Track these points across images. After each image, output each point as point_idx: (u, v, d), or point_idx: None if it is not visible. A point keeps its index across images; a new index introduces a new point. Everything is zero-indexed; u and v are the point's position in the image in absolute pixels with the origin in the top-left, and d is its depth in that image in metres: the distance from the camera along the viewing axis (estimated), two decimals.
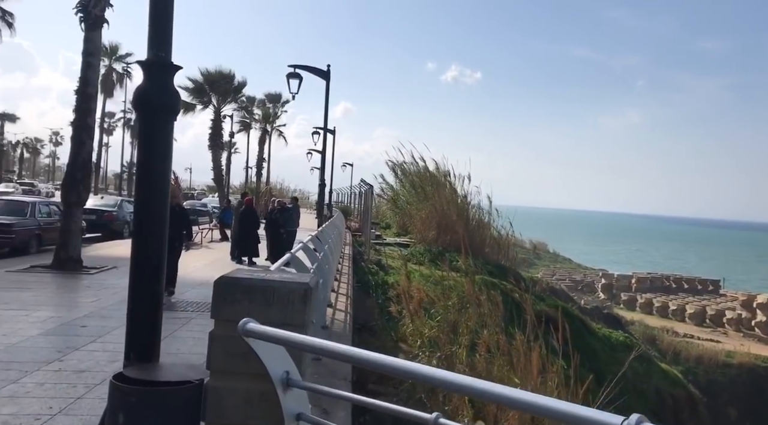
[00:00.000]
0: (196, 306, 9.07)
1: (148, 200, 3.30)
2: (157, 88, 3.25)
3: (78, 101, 12.12)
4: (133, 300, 3.42)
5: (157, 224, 3.34)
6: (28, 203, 15.41)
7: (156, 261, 3.41)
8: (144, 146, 3.29)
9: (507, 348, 12.00)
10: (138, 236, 3.38)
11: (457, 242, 29.74)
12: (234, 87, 29.45)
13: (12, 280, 10.37)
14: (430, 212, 31.15)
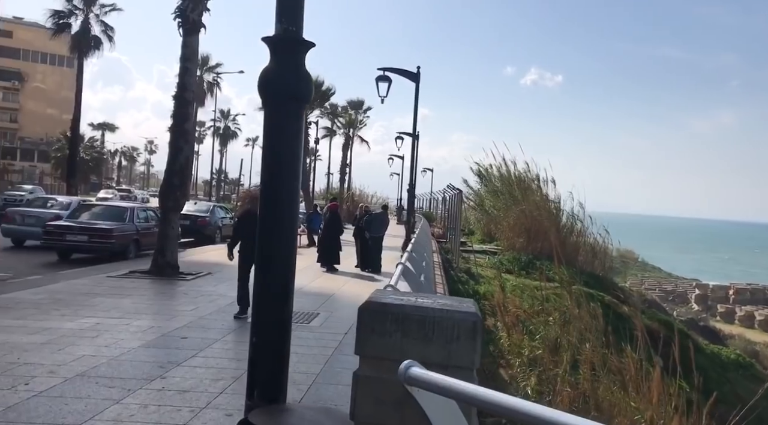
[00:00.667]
0: (294, 317, 8.60)
1: (275, 209, 2.72)
2: (286, 71, 2.67)
3: (176, 106, 12.11)
4: (258, 328, 2.84)
5: (286, 239, 2.77)
6: (127, 208, 15.74)
7: (284, 281, 2.83)
8: (270, 142, 2.71)
9: (617, 366, 10.81)
10: (264, 253, 2.81)
11: (548, 250, 28.28)
12: (322, 93, 29.48)
13: (112, 286, 10.38)
14: (518, 218, 29.89)
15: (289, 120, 2.67)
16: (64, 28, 28.94)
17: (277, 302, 2.75)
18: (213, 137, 64.72)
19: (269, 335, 2.75)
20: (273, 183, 2.72)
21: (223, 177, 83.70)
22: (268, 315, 2.75)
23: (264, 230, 2.78)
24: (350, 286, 12.29)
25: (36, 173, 73.79)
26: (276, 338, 2.76)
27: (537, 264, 26.07)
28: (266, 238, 2.78)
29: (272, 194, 2.72)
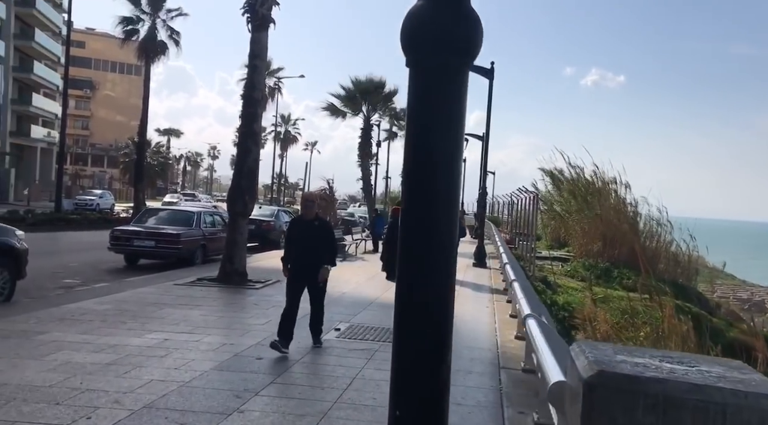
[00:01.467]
0: (374, 333, 7.76)
1: (426, 219, 1.83)
2: (443, 14, 1.81)
3: (244, 106, 11.54)
4: (404, 396, 1.94)
5: (443, 264, 1.89)
6: (194, 213, 15.37)
7: (439, 329, 1.93)
8: (418, 116, 1.83)
9: None
10: (407, 283, 1.93)
11: (626, 257, 26.50)
12: (384, 95, 28.76)
13: (180, 295, 9.83)
14: (593, 223, 28.26)
15: (448, 83, 1.78)
16: (133, 34, 29.38)
17: (430, 359, 1.85)
18: (274, 141, 65.26)
19: (421, 409, 1.84)
20: (422, 179, 1.82)
21: (283, 182, 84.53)
22: (417, 378, 1.85)
23: (410, 235, 1.87)
24: None
25: (106, 178, 76.47)
26: (430, 412, 1.85)
27: (615, 272, 24.47)
28: (412, 262, 1.88)
29: (421, 195, 1.82)
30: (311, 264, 6.65)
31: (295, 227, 7.10)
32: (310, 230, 6.65)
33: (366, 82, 28.09)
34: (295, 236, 6.82)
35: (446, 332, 1.88)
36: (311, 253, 6.61)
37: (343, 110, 29.29)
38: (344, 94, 28.48)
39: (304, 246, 6.62)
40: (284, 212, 23.41)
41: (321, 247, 6.67)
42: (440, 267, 1.85)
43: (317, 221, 6.82)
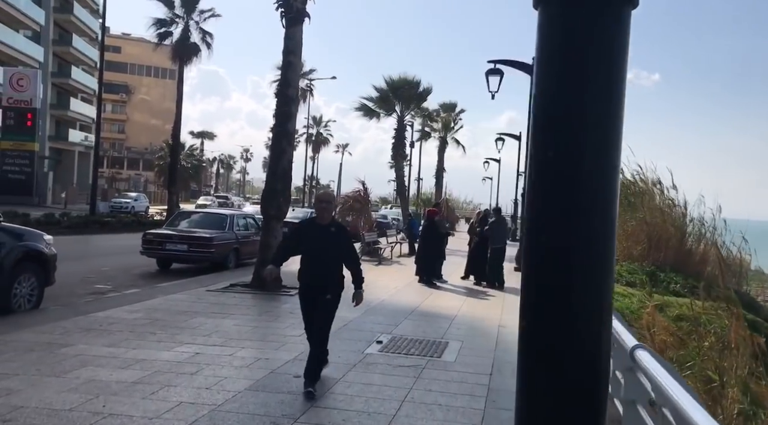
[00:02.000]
0: (419, 347, 7.15)
1: (576, 206, 1.24)
2: None
3: (278, 104, 11.08)
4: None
5: (600, 274, 1.28)
6: (226, 215, 14.98)
7: (592, 368, 1.31)
8: (566, 65, 1.23)
9: None
10: (542, 299, 1.31)
11: (672, 260, 25.34)
12: (418, 94, 28.10)
13: (212, 302, 9.38)
14: (637, 225, 27.15)
15: (603, 30, 1.17)
16: (166, 36, 29.36)
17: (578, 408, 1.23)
18: (306, 143, 65.16)
19: None
20: (567, 159, 1.21)
21: (315, 183, 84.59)
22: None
23: (542, 249, 1.26)
24: (470, 306, 10.71)
25: (141, 181, 77.59)
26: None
27: (661, 276, 23.41)
28: (549, 265, 1.26)
29: (566, 182, 1.20)
30: (324, 280, 5.34)
31: (306, 231, 5.64)
32: (324, 237, 5.33)
33: (399, 82, 27.48)
34: (305, 244, 5.43)
35: (602, 368, 1.25)
36: (325, 266, 5.35)
37: (377, 110, 28.73)
38: (377, 95, 27.91)
39: (316, 257, 5.37)
40: None
41: (337, 259, 5.40)
42: (595, 286, 1.23)
43: (334, 227, 5.50)
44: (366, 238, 18.12)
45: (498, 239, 13.32)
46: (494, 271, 13.08)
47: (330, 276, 5.37)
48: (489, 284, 13.14)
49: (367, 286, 11.42)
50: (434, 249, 13.22)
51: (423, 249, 13.64)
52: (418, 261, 13.71)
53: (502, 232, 13.64)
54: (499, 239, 13.38)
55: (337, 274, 5.44)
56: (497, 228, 13.54)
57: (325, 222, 5.47)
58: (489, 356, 6.87)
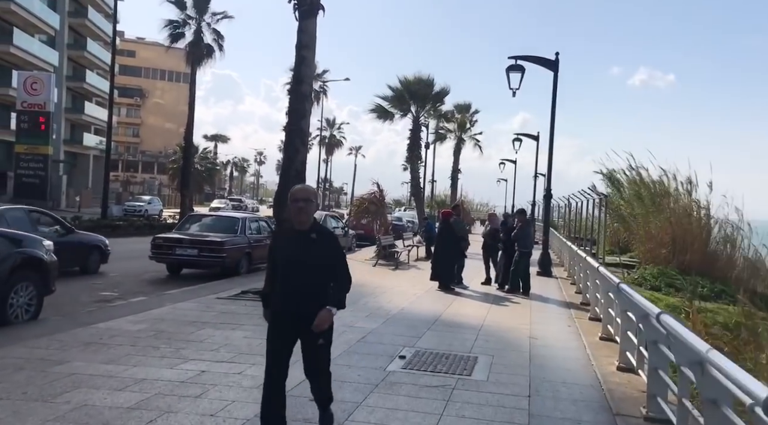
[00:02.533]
0: (446, 362, 6.51)
1: None
2: None
3: (291, 102, 10.49)
4: None
5: None
6: (238, 219, 14.44)
7: None
8: None
9: None
10: None
11: (698, 263, 24.40)
12: (434, 94, 27.52)
13: (222, 311, 8.82)
14: (661, 227, 26.25)
15: None
16: (178, 38, 29.07)
17: None
18: (319, 145, 64.75)
19: None
20: None
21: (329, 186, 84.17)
22: None
23: None
24: (496, 314, 10.05)
25: (155, 185, 77.63)
26: None
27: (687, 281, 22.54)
28: None
29: None
30: (302, 304, 3.93)
31: (281, 242, 4.27)
32: (303, 247, 3.94)
33: (414, 82, 26.95)
34: (282, 257, 4.03)
35: None
36: (303, 285, 3.93)
37: (391, 111, 28.21)
38: (392, 95, 27.40)
39: (294, 273, 3.95)
40: (332, 217, 22.41)
41: (320, 275, 3.95)
42: None
43: (316, 233, 4.02)
44: (382, 241, 17.51)
45: (528, 243, 12.63)
46: (522, 277, 12.40)
47: (310, 299, 3.90)
48: (511, 289, 12.46)
49: (385, 293, 10.79)
50: (451, 253, 12.55)
51: (439, 253, 12.93)
52: (434, 266, 13.00)
53: (531, 235, 12.93)
54: (529, 242, 12.69)
55: (321, 297, 3.93)
56: (527, 230, 12.84)
57: (304, 227, 3.99)
58: (524, 373, 6.23)
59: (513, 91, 16.43)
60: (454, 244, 12.44)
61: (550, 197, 16.78)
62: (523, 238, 12.48)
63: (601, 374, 6.36)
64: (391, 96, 27.29)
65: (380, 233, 18.95)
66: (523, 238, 12.49)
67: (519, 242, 12.46)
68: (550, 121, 16.25)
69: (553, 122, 16.29)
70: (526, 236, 12.55)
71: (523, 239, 12.48)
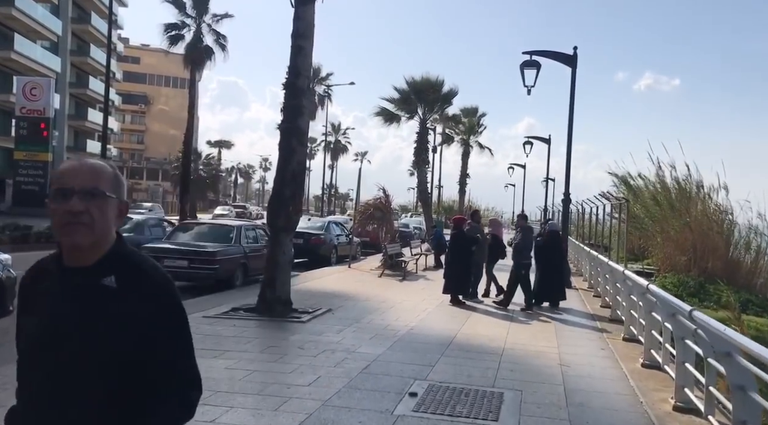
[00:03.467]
0: (467, 401, 5.39)
1: None
2: None
3: (286, 97, 9.46)
4: None
5: None
6: (233, 227, 13.38)
7: None
8: None
9: None
10: None
11: (720, 271, 23.17)
12: (443, 96, 26.47)
13: (207, 333, 7.75)
14: (681, 233, 25.03)
15: None
16: (178, 39, 28.22)
17: None
18: (324, 151, 63.86)
19: None
20: None
21: (334, 192, 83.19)
22: None
23: None
24: (517, 335, 8.92)
25: (159, 192, 76.95)
26: None
27: (710, 289, 21.32)
28: None
29: None
30: None
31: (31, 300, 1.67)
32: (79, 311, 1.56)
33: (422, 82, 25.91)
34: (26, 337, 1.64)
35: None
36: (71, 410, 1.54)
37: (397, 113, 27.16)
38: (398, 97, 26.36)
39: (47, 380, 1.56)
40: (336, 224, 21.36)
41: (117, 385, 1.55)
42: None
43: (116, 274, 1.60)
44: (388, 250, 16.41)
45: (528, 254, 11.34)
46: (526, 290, 11.14)
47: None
48: (526, 306, 11.26)
49: (392, 308, 9.61)
50: (463, 263, 11.39)
51: (452, 264, 11.71)
52: (446, 277, 11.75)
53: (531, 244, 11.57)
54: (528, 253, 11.37)
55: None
56: (528, 238, 11.59)
57: (83, 260, 1.60)
58: (561, 416, 5.12)
59: (528, 89, 15.35)
60: (467, 254, 11.26)
61: (568, 201, 15.64)
62: (524, 248, 11.24)
63: (655, 416, 5.23)
64: (397, 98, 26.26)
65: (386, 241, 17.86)
66: (525, 248, 11.25)
67: (522, 252, 11.17)
68: (568, 120, 15.17)
69: (571, 121, 15.20)
70: (527, 245, 11.30)
71: (524, 249, 11.23)
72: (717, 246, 23.39)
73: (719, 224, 25.50)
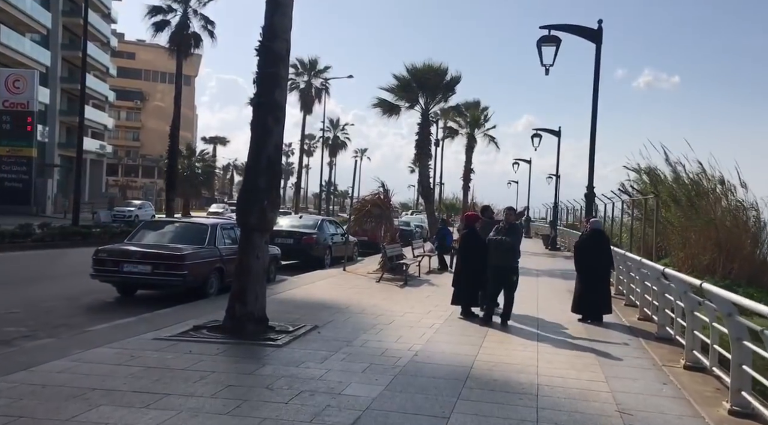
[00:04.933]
0: None
1: None
2: None
3: (260, 65, 7.63)
4: None
5: None
6: (207, 226, 11.53)
7: None
8: None
9: None
10: None
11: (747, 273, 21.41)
12: (445, 83, 24.63)
13: (149, 365, 5.93)
14: (703, 231, 23.19)
15: None
16: (164, 26, 26.39)
17: None
18: (322, 147, 62.00)
19: None
20: None
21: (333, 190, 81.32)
22: None
23: None
24: (550, 362, 7.10)
25: (154, 189, 75.09)
26: None
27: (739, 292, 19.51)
28: None
29: None
30: None
31: None
32: None
33: (423, 69, 24.07)
34: None
35: None
36: None
37: (397, 103, 25.32)
38: (397, 85, 24.50)
39: None
40: (330, 222, 19.54)
41: None
42: None
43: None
44: (388, 251, 14.58)
45: (518, 253, 9.26)
46: (509, 300, 9.18)
47: None
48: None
49: (392, 324, 7.69)
50: (476, 268, 9.53)
51: (463, 269, 9.81)
52: (456, 285, 9.86)
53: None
54: (518, 253, 9.29)
55: None
56: (519, 234, 9.48)
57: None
58: None
59: (546, 69, 13.52)
60: (481, 257, 9.37)
61: (593, 196, 13.76)
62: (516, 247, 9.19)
63: None
64: (396, 86, 24.40)
65: (385, 241, 16.04)
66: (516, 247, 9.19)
67: (513, 253, 9.12)
68: (592, 103, 13.35)
69: (595, 103, 13.39)
70: (516, 242, 9.22)
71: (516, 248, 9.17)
72: (743, 245, 21.58)
73: (744, 222, 23.66)
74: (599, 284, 9.59)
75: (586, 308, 9.55)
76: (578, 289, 9.75)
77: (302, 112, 51.21)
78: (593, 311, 9.51)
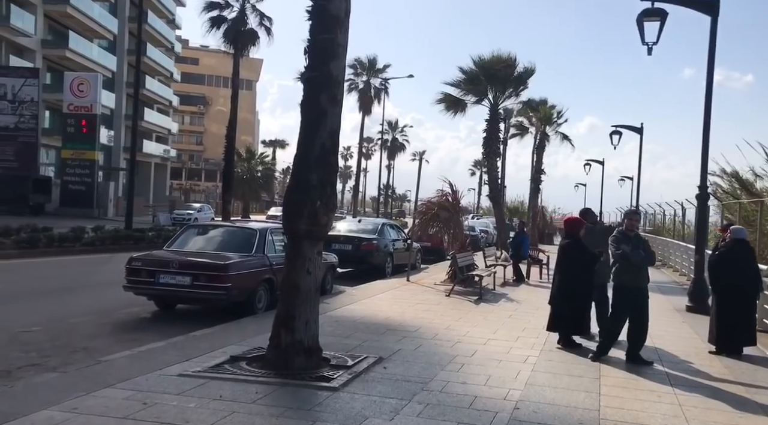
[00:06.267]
0: None
1: None
2: None
3: (312, 31, 6.07)
4: None
5: None
6: (255, 231, 10.06)
7: None
8: None
9: None
10: None
11: None
12: (516, 76, 22.66)
13: (167, 417, 4.44)
14: None
15: None
16: (220, 22, 25.58)
17: None
18: (381, 150, 60.60)
19: None
20: None
21: (391, 193, 79.92)
22: None
23: None
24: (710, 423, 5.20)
25: (216, 193, 75.77)
26: None
27: None
28: None
29: None
30: None
31: None
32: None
33: (492, 61, 22.17)
34: None
35: None
36: None
37: (462, 99, 23.51)
38: (464, 78, 22.69)
39: None
40: (391, 226, 17.94)
41: None
42: None
43: None
44: (459, 261, 12.79)
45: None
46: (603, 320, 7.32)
47: None
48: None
49: (474, 356, 5.83)
50: (585, 288, 7.65)
51: (565, 289, 7.80)
52: (556, 308, 7.85)
53: None
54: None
55: None
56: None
57: None
58: None
59: (648, 48, 11.48)
60: (587, 274, 7.46)
61: (706, 197, 11.50)
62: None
63: None
64: (462, 79, 22.59)
65: (455, 249, 14.28)
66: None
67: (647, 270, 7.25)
68: (706, 84, 11.22)
69: (710, 81, 11.25)
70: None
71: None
72: None
73: None
74: (743, 307, 7.53)
75: (726, 339, 7.51)
76: (716, 315, 7.70)
77: (361, 112, 50.05)
78: (733, 342, 7.47)
